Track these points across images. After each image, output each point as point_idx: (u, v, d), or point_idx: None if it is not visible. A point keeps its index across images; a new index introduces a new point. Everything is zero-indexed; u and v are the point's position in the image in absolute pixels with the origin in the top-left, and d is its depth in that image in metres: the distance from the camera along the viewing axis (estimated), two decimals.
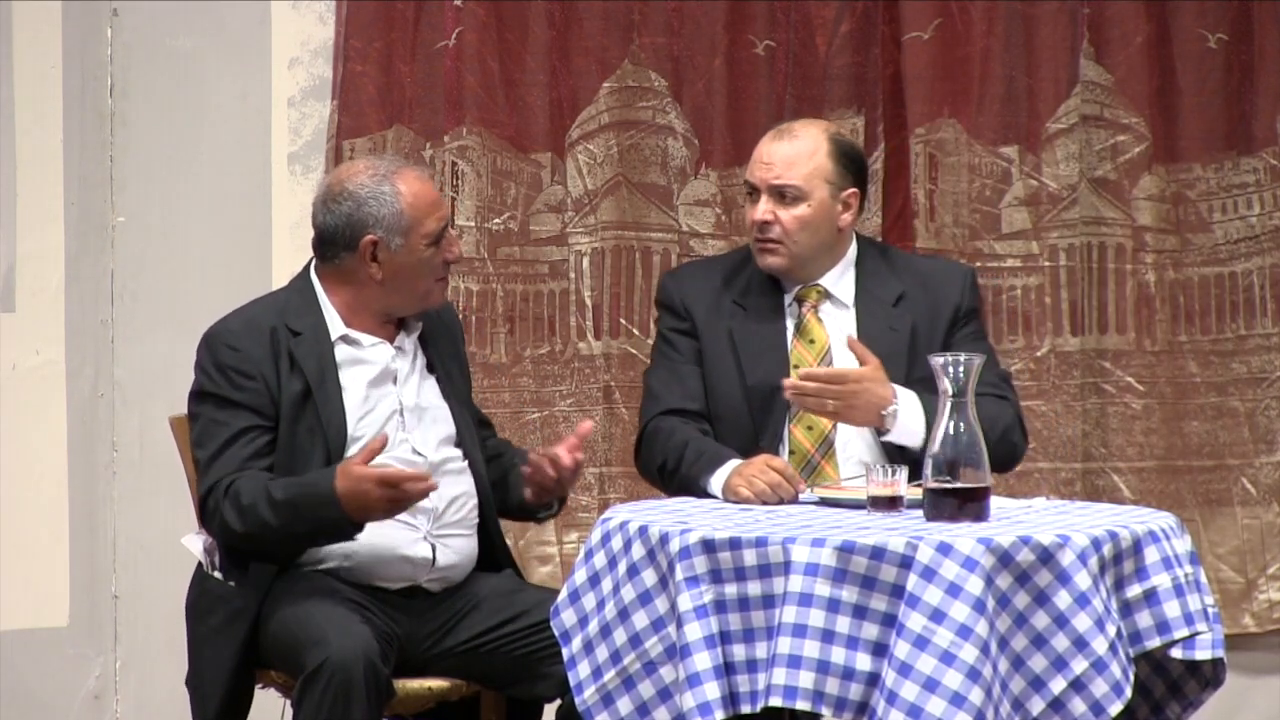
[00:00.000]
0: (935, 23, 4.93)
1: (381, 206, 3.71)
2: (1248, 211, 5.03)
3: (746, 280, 3.98)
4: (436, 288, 3.78)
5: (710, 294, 3.98)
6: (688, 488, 3.76)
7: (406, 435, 3.77)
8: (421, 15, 4.84)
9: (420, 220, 3.72)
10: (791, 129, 3.96)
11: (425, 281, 3.76)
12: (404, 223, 3.71)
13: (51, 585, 4.85)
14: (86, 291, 4.88)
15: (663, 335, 4.02)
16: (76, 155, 4.85)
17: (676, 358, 3.97)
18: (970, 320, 3.99)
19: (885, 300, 3.95)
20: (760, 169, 3.92)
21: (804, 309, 3.95)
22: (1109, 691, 3.13)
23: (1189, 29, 4.99)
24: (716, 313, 3.96)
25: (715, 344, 3.94)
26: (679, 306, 3.99)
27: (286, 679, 3.67)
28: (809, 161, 3.90)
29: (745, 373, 3.90)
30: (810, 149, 3.91)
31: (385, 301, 3.77)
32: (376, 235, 3.71)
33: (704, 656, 3.16)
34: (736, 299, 3.97)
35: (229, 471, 3.67)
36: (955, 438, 3.27)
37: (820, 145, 3.92)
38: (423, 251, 3.73)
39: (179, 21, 4.89)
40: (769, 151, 3.92)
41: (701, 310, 3.97)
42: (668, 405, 3.92)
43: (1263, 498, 5.04)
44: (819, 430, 3.87)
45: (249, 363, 3.71)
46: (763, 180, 3.90)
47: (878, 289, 3.96)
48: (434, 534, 3.76)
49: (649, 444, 3.91)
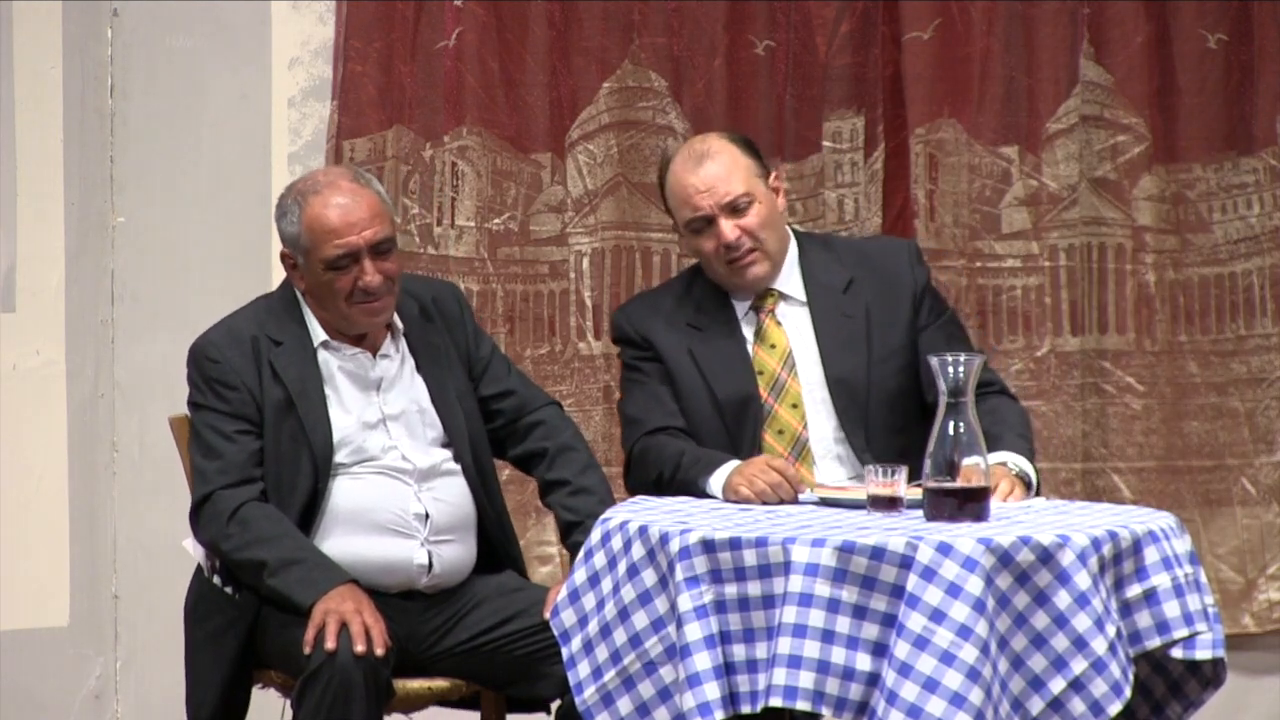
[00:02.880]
0: (935, 23, 4.94)
1: (288, 225, 3.73)
2: (1248, 211, 5.03)
3: (696, 301, 3.98)
4: (354, 312, 3.72)
5: (663, 320, 3.97)
6: (686, 491, 3.76)
7: (394, 443, 3.77)
8: (421, 15, 4.84)
9: (316, 245, 3.70)
10: (703, 151, 3.90)
11: (335, 305, 3.72)
12: (303, 244, 3.71)
13: (51, 585, 4.85)
14: (86, 291, 4.88)
15: (628, 365, 4.01)
16: (76, 155, 4.85)
17: (647, 381, 3.96)
18: (928, 299, 3.98)
19: (835, 288, 3.95)
20: (702, 197, 3.88)
21: (761, 315, 3.95)
22: (1108, 691, 3.13)
23: (1189, 29, 4.99)
24: (674, 336, 3.95)
25: (680, 366, 3.93)
26: (636, 337, 3.99)
27: (286, 679, 3.67)
28: (737, 167, 3.89)
29: (714, 389, 3.90)
30: (730, 156, 3.90)
31: (322, 315, 3.77)
32: (287, 250, 3.75)
33: (704, 656, 3.16)
34: (690, 321, 3.96)
35: (229, 482, 3.68)
36: (955, 438, 3.27)
37: (733, 150, 3.92)
38: (321, 274, 3.71)
39: (179, 21, 4.89)
40: (701, 180, 3.88)
41: (659, 335, 3.96)
42: (651, 426, 3.91)
43: (1263, 498, 5.04)
44: (790, 434, 3.87)
45: (231, 373, 3.72)
46: (713, 205, 3.87)
47: (825, 278, 3.96)
48: (430, 540, 3.75)
49: (639, 464, 3.90)
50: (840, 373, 3.88)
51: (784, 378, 3.90)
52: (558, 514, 3.87)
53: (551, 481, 3.89)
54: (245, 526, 3.64)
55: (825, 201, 4.96)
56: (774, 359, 3.92)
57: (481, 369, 3.92)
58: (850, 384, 3.87)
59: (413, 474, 3.76)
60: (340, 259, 3.68)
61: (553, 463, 3.89)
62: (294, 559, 3.61)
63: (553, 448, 3.90)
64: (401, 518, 3.73)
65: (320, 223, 3.69)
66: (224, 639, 3.70)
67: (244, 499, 3.66)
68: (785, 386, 3.90)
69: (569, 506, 3.84)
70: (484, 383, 3.92)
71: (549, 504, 3.90)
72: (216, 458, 3.70)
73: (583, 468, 3.89)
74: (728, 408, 3.89)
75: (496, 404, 3.92)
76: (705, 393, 3.91)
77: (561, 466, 3.88)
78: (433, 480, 3.77)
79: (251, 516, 3.65)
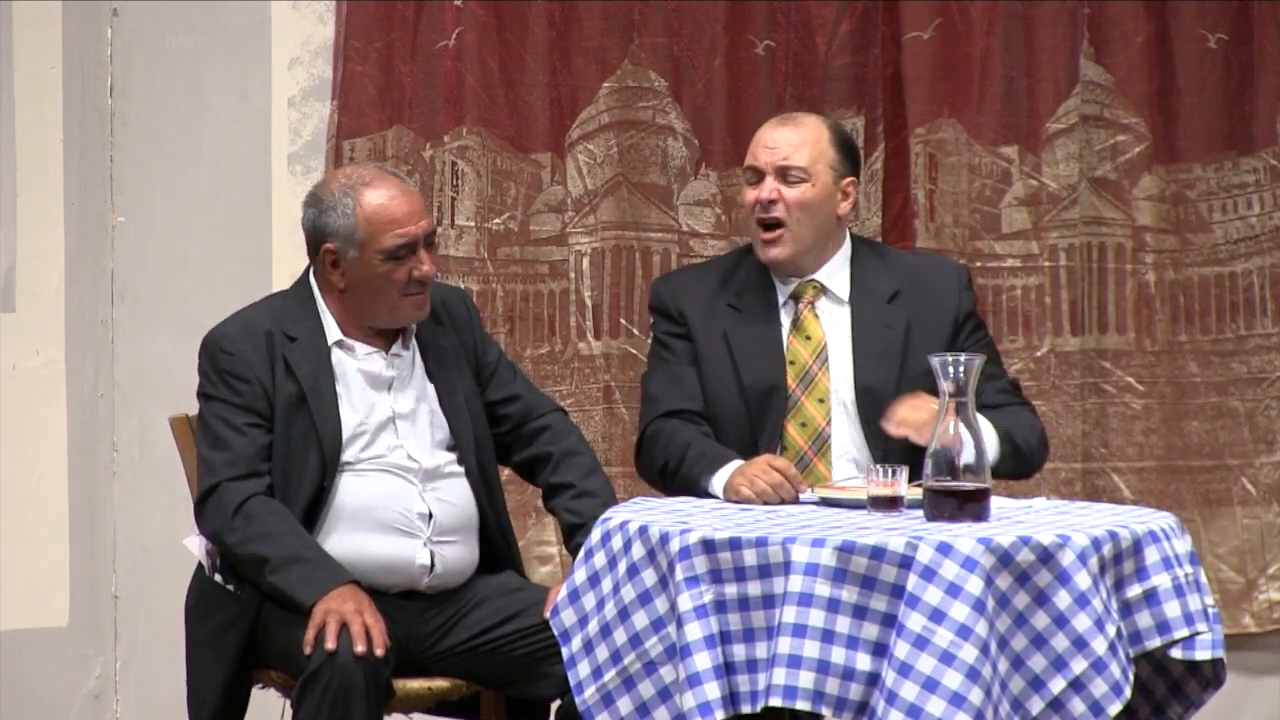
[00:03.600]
0: (935, 23, 4.94)
1: (339, 218, 3.72)
2: (1248, 211, 5.03)
3: (741, 282, 3.99)
4: (404, 304, 3.75)
5: (704, 298, 3.99)
6: (689, 488, 3.76)
7: (400, 442, 3.77)
8: (421, 15, 4.84)
9: (375, 235, 3.70)
10: (794, 117, 4.01)
11: (387, 297, 3.74)
12: (358, 236, 3.71)
13: (51, 585, 4.85)
14: (86, 291, 4.88)
15: (658, 339, 4.02)
16: (76, 155, 4.85)
17: (673, 360, 3.97)
18: (970, 323, 4.00)
19: (880, 297, 3.96)
20: (764, 152, 3.94)
21: (800, 305, 3.96)
22: (1108, 691, 3.13)
23: (1189, 29, 4.99)
24: (711, 315, 3.96)
25: (710, 347, 3.94)
26: (673, 311, 4.00)
27: (286, 679, 3.67)
28: (814, 145, 3.94)
29: (741, 374, 3.91)
30: (814, 134, 3.95)
31: (356, 311, 3.77)
32: (334, 245, 3.73)
33: (704, 656, 3.16)
34: (731, 301, 3.98)
35: (236, 474, 3.68)
36: (955, 438, 3.27)
37: (823, 132, 3.97)
38: (378, 266, 3.72)
39: (179, 21, 4.89)
40: (773, 136, 3.95)
41: (696, 314, 3.97)
42: (667, 407, 3.92)
43: (1263, 498, 5.04)
44: (813, 428, 3.87)
45: (244, 366, 3.72)
46: (768, 163, 3.93)
47: (873, 285, 3.97)
48: (433, 540, 3.75)
49: (649, 447, 3.91)
50: (870, 382, 3.88)
51: (815, 371, 3.90)
52: (561, 517, 3.87)
53: (556, 485, 3.89)
54: (250, 521, 3.64)
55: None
56: (807, 350, 3.92)
57: (488, 374, 3.92)
58: (878, 395, 3.86)
59: (417, 473, 3.76)
60: (401, 249, 3.70)
61: (557, 467, 3.89)
62: (297, 557, 3.61)
63: (558, 452, 3.91)
64: (405, 517, 3.73)
65: (382, 213, 3.71)
66: (226, 637, 3.70)
67: (250, 492, 3.66)
68: (815, 380, 3.90)
69: (573, 509, 3.84)
70: (490, 388, 3.92)
71: (552, 508, 3.90)
72: (225, 449, 3.70)
73: (587, 472, 3.89)
74: (752, 395, 3.89)
75: (502, 409, 3.93)
76: (732, 378, 3.92)
77: (566, 470, 3.89)
78: (437, 481, 3.78)
79: (257, 511, 3.65)
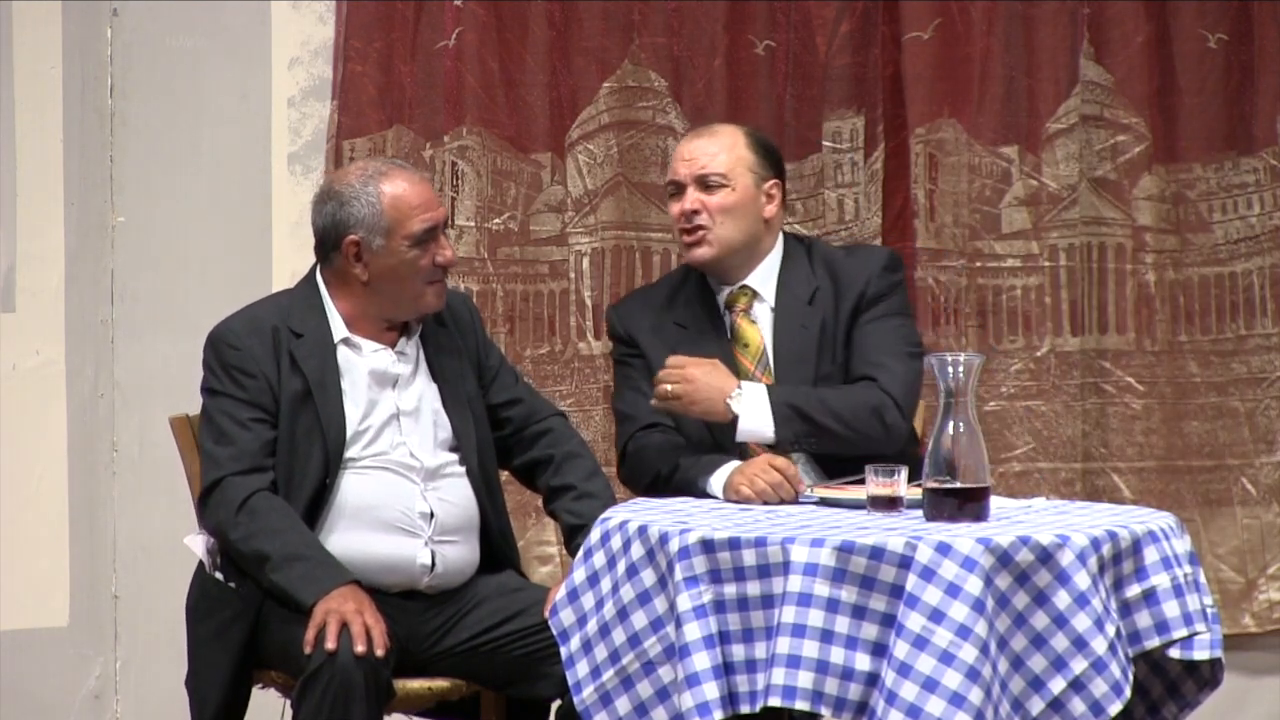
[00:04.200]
0: (935, 23, 4.94)
1: (363, 207, 3.73)
2: (1248, 211, 5.03)
3: (686, 299, 4.01)
4: (428, 291, 3.77)
5: (651, 319, 4.00)
6: (685, 492, 3.76)
7: (404, 439, 3.77)
8: (421, 15, 4.84)
9: (401, 221, 3.73)
10: (710, 127, 4.05)
11: (413, 284, 3.75)
12: (384, 223, 3.72)
13: (51, 585, 4.85)
14: (86, 291, 4.88)
15: (618, 361, 4.05)
16: (76, 155, 4.85)
17: (637, 378, 3.98)
18: (876, 305, 3.95)
19: (801, 298, 3.96)
20: (683, 165, 3.97)
21: (734, 314, 3.97)
22: (1108, 691, 3.13)
23: (1189, 29, 4.99)
24: (660, 337, 3.97)
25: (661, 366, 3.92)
26: (624, 336, 4.03)
27: (286, 679, 3.67)
28: (730, 151, 3.96)
29: None
30: (730, 140, 3.97)
31: (379, 304, 3.77)
32: (358, 235, 3.73)
33: (703, 656, 3.16)
34: (678, 319, 4.00)
35: (240, 469, 3.68)
36: (955, 438, 3.27)
37: (739, 138, 3.99)
38: (405, 253, 3.73)
39: (179, 21, 4.89)
40: (690, 148, 3.98)
41: (644, 337, 3.99)
42: (644, 422, 3.93)
43: (1263, 498, 5.04)
44: None
45: (250, 361, 3.72)
46: (688, 174, 3.95)
47: (796, 286, 3.98)
48: (434, 540, 3.76)
49: (636, 460, 3.92)
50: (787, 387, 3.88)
51: (757, 377, 3.90)
52: (562, 519, 3.87)
53: (556, 487, 3.89)
54: (254, 517, 3.64)
55: (825, 201, 4.96)
56: (748, 358, 3.93)
57: (490, 377, 3.93)
58: None
59: (419, 472, 3.76)
60: (426, 233, 3.74)
61: (558, 469, 3.90)
62: (298, 555, 3.61)
63: (559, 455, 3.91)
64: (407, 515, 3.73)
65: (405, 199, 3.73)
66: (228, 634, 3.70)
67: (254, 488, 3.67)
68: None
69: (574, 511, 3.84)
70: (492, 391, 3.92)
71: (553, 510, 3.90)
72: (229, 444, 3.70)
73: (588, 474, 3.89)
74: None
75: (504, 412, 3.93)
76: None
77: (567, 472, 3.89)
78: (438, 480, 3.78)
79: (260, 507, 3.65)
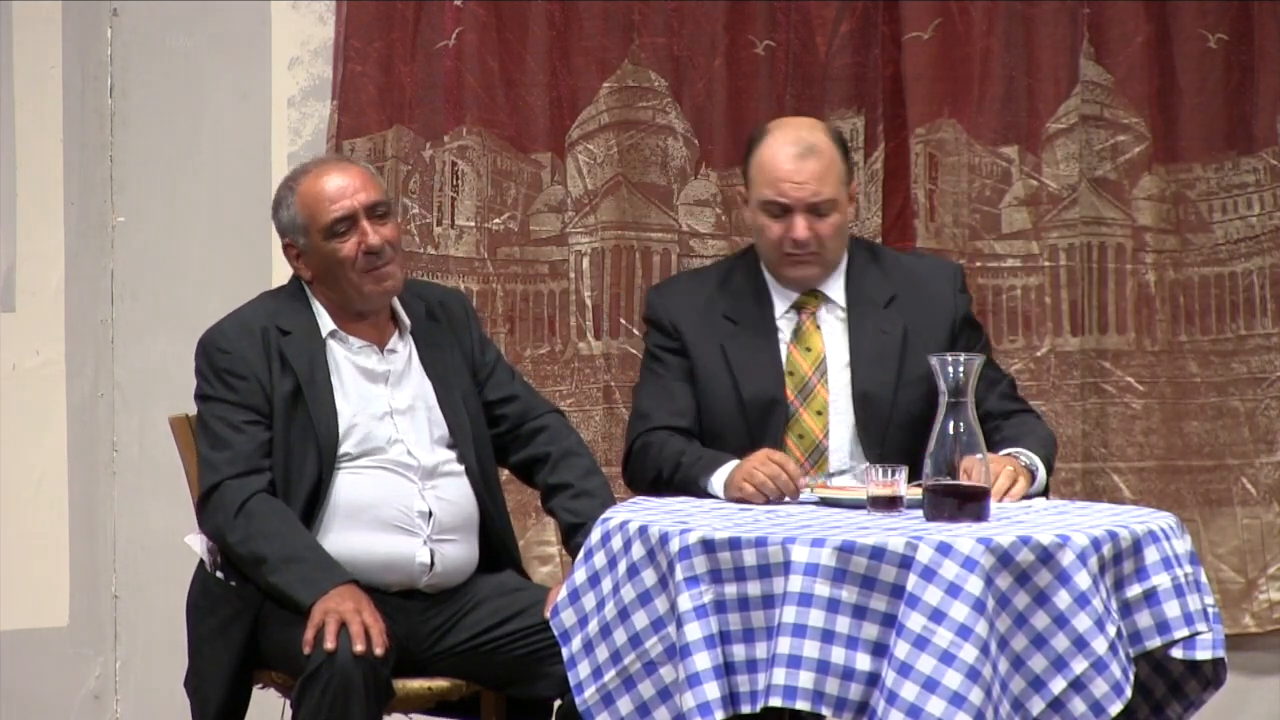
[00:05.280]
0: (935, 23, 4.93)
1: (285, 210, 3.79)
2: (1248, 211, 5.03)
3: (736, 291, 3.95)
4: (366, 280, 3.76)
5: (699, 309, 3.95)
6: (687, 490, 3.75)
7: (400, 437, 3.77)
8: (421, 15, 4.84)
9: (314, 216, 3.75)
10: (811, 145, 3.86)
11: (346, 276, 3.75)
12: (300, 222, 3.76)
13: (51, 585, 4.85)
14: (86, 291, 4.88)
15: (650, 352, 3.98)
16: (76, 155, 4.85)
17: (665, 374, 3.94)
18: (967, 326, 3.97)
19: (877, 302, 3.93)
20: (793, 189, 3.84)
21: (803, 315, 3.93)
22: (1109, 691, 3.13)
23: (1189, 29, 4.99)
24: (707, 328, 3.93)
25: (708, 361, 3.91)
26: (667, 325, 3.96)
27: (286, 679, 3.67)
28: (833, 169, 3.86)
29: (741, 387, 3.88)
30: (829, 157, 3.87)
31: (335, 299, 3.79)
32: (289, 239, 3.79)
33: (704, 656, 3.16)
34: (727, 312, 3.93)
35: (237, 472, 3.68)
36: (955, 438, 3.27)
37: (833, 150, 3.89)
38: (324, 246, 3.75)
39: (179, 21, 4.89)
40: (799, 170, 3.84)
41: (690, 327, 3.94)
42: (657, 423, 3.89)
43: (1263, 498, 5.04)
44: (810, 440, 3.85)
45: (241, 364, 3.73)
46: (799, 200, 3.84)
47: (869, 291, 3.93)
48: (433, 539, 3.76)
49: (640, 459, 3.89)
50: (867, 387, 3.86)
51: (813, 382, 3.88)
52: (560, 517, 3.86)
53: (554, 485, 3.89)
54: (251, 519, 3.64)
55: None
56: (807, 362, 3.90)
57: (486, 374, 3.92)
58: (875, 400, 3.85)
59: (417, 470, 3.76)
60: (339, 222, 3.73)
61: (555, 467, 3.89)
62: (295, 556, 3.61)
63: (556, 453, 3.91)
64: (405, 514, 3.74)
65: (314, 194, 3.75)
66: (229, 633, 3.70)
67: (252, 490, 3.67)
68: (813, 391, 3.88)
69: (572, 509, 3.84)
70: (488, 388, 3.92)
71: (551, 508, 3.90)
72: (225, 448, 3.70)
73: (585, 472, 3.89)
74: (752, 408, 3.87)
75: (500, 409, 3.93)
76: (731, 391, 3.89)
77: (564, 471, 3.89)
78: (436, 479, 3.78)
79: (258, 510, 3.65)
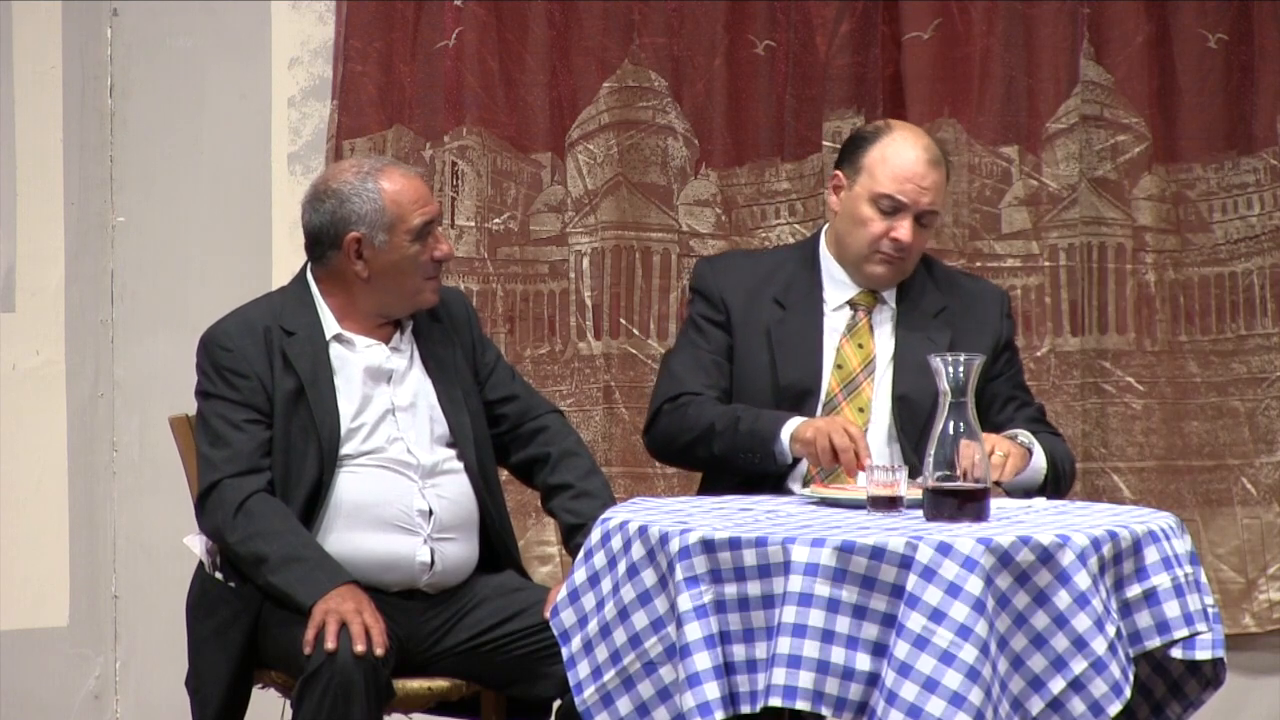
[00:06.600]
0: (935, 23, 4.94)
1: (364, 203, 3.72)
2: (1248, 211, 5.03)
3: (788, 279, 3.96)
4: (426, 287, 3.77)
5: (749, 288, 3.95)
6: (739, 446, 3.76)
7: (400, 436, 3.77)
8: (421, 15, 4.84)
9: (403, 215, 3.73)
10: (938, 154, 3.89)
11: (413, 279, 3.76)
12: (386, 218, 3.72)
13: (51, 585, 4.85)
14: (86, 291, 4.88)
15: (694, 321, 3.98)
16: (76, 155, 4.85)
17: (704, 346, 3.95)
18: (1008, 351, 4.01)
19: (927, 311, 3.94)
20: (917, 192, 3.85)
21: (859, 311, 3.94)
22: (1108, 691, 3.13)
23: (1189, 29, 4.99)
24: (755, 308, 3.93)
25: (750, 340, 3.92)
26: (715, 297, 3.97)
27: (286, 679, 3.67)
28: (945, 188, 3.93)
29: (779, 373, 3.89)
30: (945, 174, 3.92)
31: (376, 301, 3.77)
32: (360, 232, 3.73)
33: (704, 656, 3.16)
34: (777, 296, 3.94)
35: (236, 470, 3.68)
36: (955, 438, 3.27)
37: (944, 164, 3.93)
38: (407, 247, 3.74)
39: (179, 21, 4.90)
40: (927, 175, 3.86)
41: (739, 304, 3.94)
42: (692, 388, 3.89)
43: (1263, 498, 5.04)
44: None
45: (243, 362, 3.72)
46: (915, 202, 3.85)
47: (920, 299, 3.95)
48: (434, 537, 3.76)
49: (677, 415, 3.88)
50: (907, 390, 3.86)
51: (860, 379, 3.88)
52: (560, 517, 3.86)
53: (554, 486, 3.89)
54: (251, 519, 3.64)
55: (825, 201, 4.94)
56: (857, 358, 3.90)
57: (486, 374, 3.93)
58: (914, 403, 3.85)
59: (417, 469, 3.76)
60: (426, 226, 3.74)
61: (555, 467, 3.89)
62: (296, 556, 3.61)
63: (555, 453, 3.91)
64: (405, 513, 3.73)
65: (405, 193, 3.74)
66: (229, 633, 3.70)
67: (251, 489, 3.66)
68: (859, 388, 3.88)
69: (572, 510, 3.84)
70: (488, 387, 3.92)
71: (551, 508, 3.90)
72: (225, 446, 3.70)
73: (585, 472, 3.89)
74: (786, 395, 3.87)
75: (500, 409, 3.93)
76: (768, 375, 3.89)
77: (564, 471, 3.89)
78: (436, 478, 3.78)
79: (257, 509, 3.65)
